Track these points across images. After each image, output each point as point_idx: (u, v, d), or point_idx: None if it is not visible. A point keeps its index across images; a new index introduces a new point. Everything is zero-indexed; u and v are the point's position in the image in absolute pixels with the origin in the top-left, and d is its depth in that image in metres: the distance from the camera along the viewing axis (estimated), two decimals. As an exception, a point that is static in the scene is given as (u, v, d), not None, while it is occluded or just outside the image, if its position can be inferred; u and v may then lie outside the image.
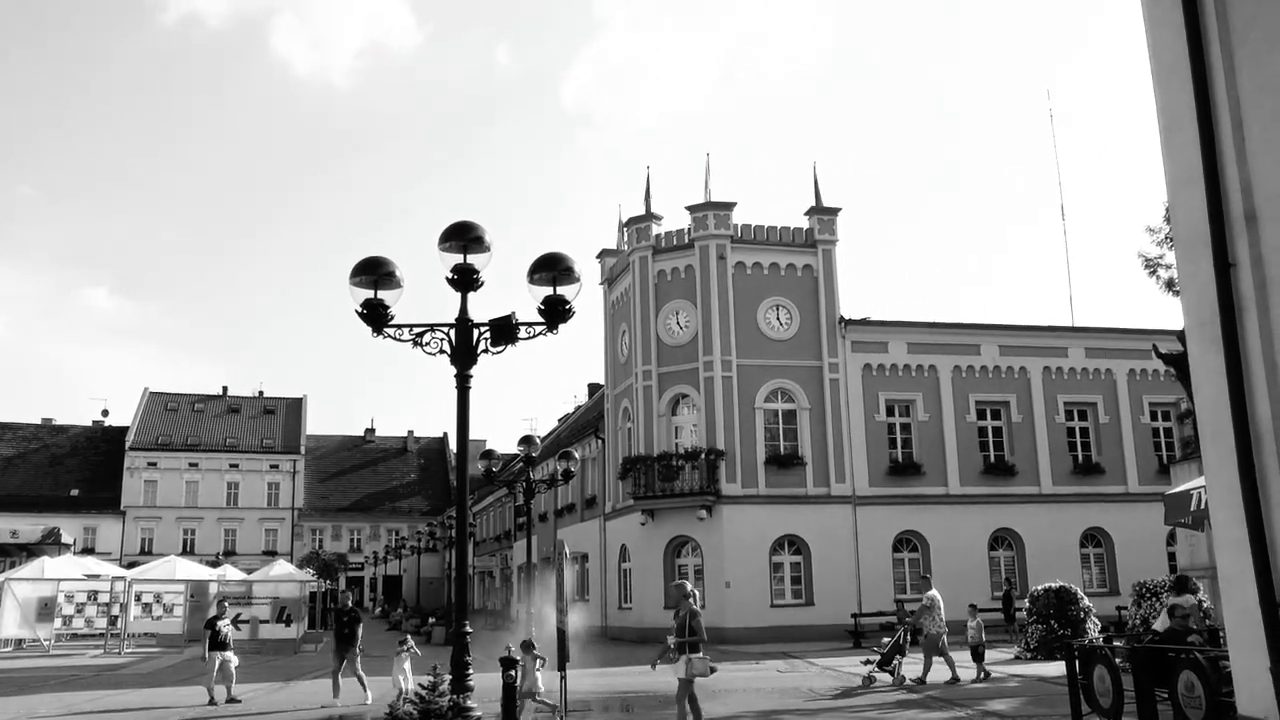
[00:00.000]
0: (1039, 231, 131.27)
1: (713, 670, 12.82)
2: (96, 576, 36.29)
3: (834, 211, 36.07)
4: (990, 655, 25.17)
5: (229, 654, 18.21)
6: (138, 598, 34.48)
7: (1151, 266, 24.59)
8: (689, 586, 13.03)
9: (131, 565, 52.58)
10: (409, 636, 19.15)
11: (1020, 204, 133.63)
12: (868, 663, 19.65)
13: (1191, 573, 20.92)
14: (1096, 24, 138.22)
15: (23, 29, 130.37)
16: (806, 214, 36.14)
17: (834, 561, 33.75)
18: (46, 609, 33.61)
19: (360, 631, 18.44)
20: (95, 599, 34.43)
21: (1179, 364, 21.51)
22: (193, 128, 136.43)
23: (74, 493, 79.99)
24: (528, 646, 16.94)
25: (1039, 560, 34.94)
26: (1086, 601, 24.46)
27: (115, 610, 33.93)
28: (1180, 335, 11.48)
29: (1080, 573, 35.02)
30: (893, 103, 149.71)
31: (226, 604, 20.03)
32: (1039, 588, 24.86)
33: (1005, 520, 35.86)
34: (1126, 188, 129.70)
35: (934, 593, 19.81)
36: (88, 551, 64.79)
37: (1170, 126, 7.30)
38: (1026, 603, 25.48)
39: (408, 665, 17.05)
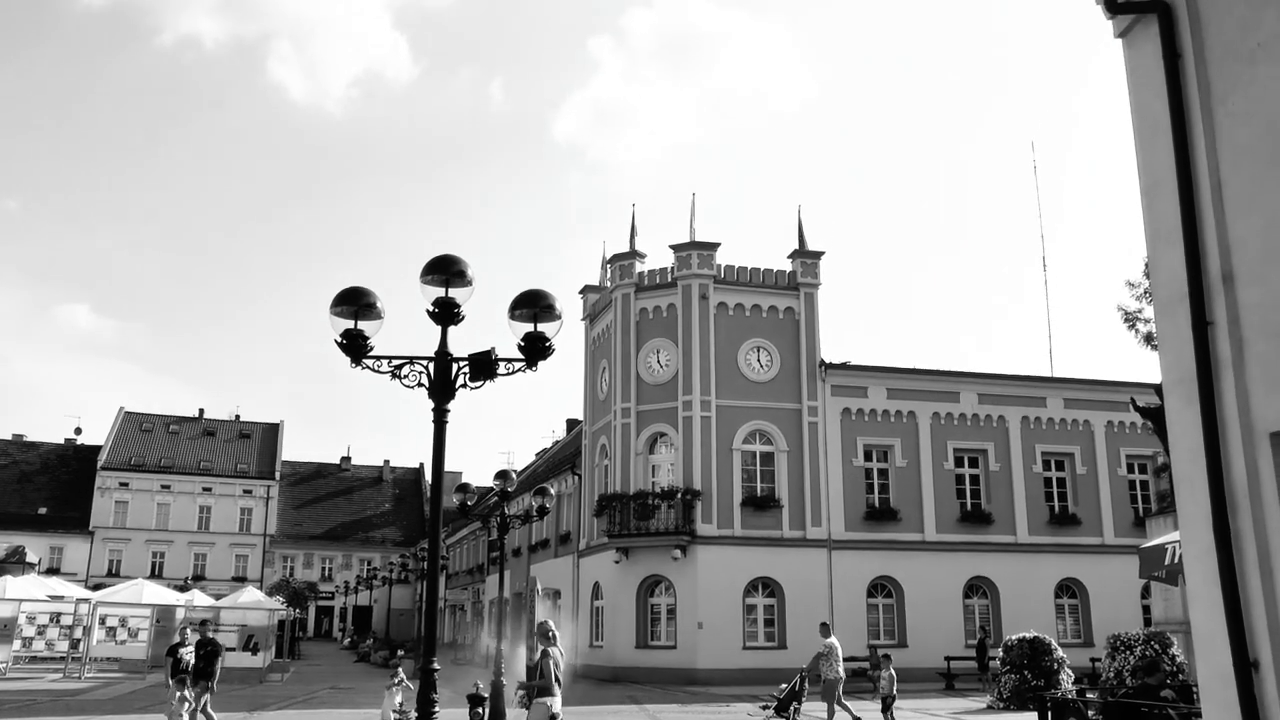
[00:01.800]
0: (1020, 281, 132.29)
1: (554, 718, 11.72)
2: (60, 598, 35.73)
3: (817, 255, 36.26)
4: (963, 704, 25.15)
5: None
6: (102, 621, 33.96)
7: (1131, 320, 24.75)
8: (551, 627, 12.35)
9: (98, 587, 51.82)
10: (400, 670, 18.74)
11: (1002, 254, 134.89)
12: (765, 708, 19.66)
13: (1166, 626, 20.94)
14: (1082, 79, 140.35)
15: (17, 45, 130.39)
16: (790, 257, 36.32)
17: (808, 605, 33.57)
18: (6, 630, 33.01)
19: (218, 667, 17.28)
20: (58, 621, 33.89)
21: (1156, 418, 21.62)
22: (185, 150, 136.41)
23: (42, 511, 78.91)
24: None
25: (1013, 609, 34.90)
26: (1060, 653, 24.42)
27: (78, 633, 33.41)
28: (1158, 389, 11.57)
29: (1055, 623, 35.02)
30: (877, 151, 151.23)
31: (189, 630, 19.70)
32: (1013, 637, 24.80)
33: (981, 568, 35.85)
34: (1107, 241, 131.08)
35: (833, 639, 19.91)
36: (53, 572, 63.84)
37: (1151, 185, 7.37)
38: (1000, 652, 25.41)
39: (399, 699, 16.72)
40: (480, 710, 15.80)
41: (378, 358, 8.63)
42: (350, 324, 8.49)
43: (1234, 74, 6.74)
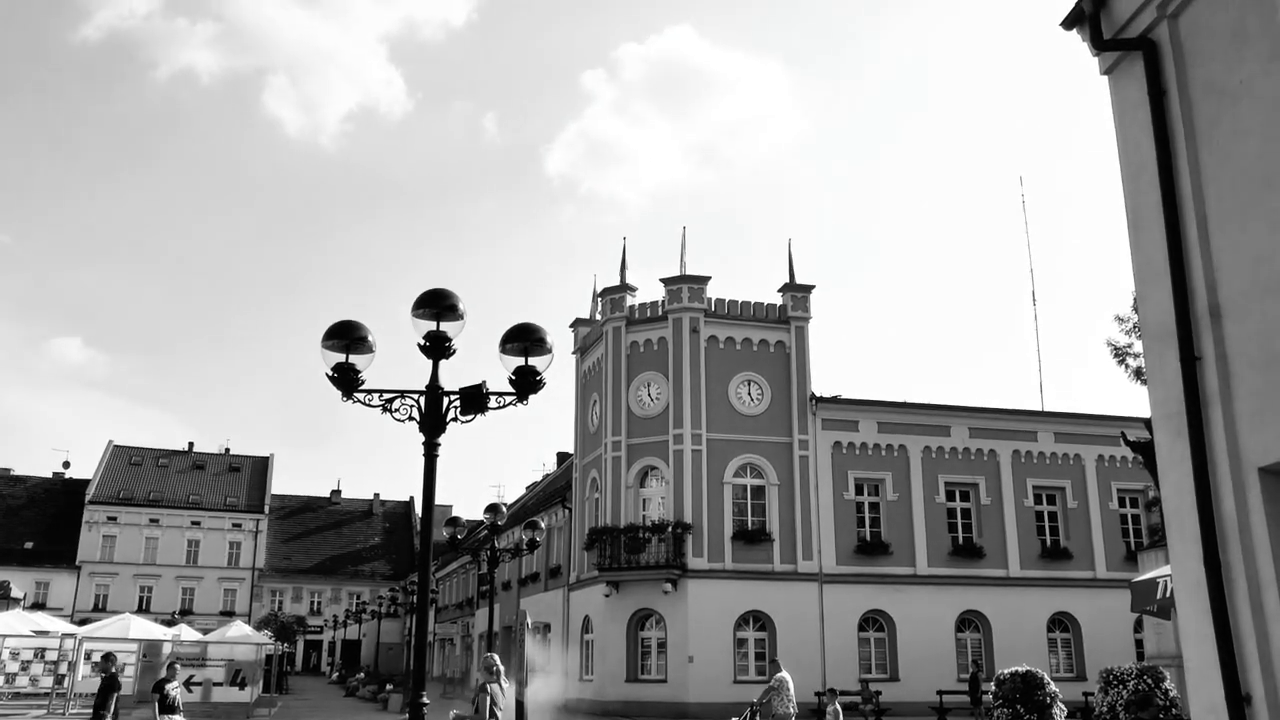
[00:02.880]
0: (1010, 315, 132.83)
1: None
2: (45, 633, 35.34)
3: (807, 289, 36.37)
4: (955, 740, 24.95)
5: (178, 718, 17.69)
6: (87, 656, 33.52)
7: (1120, 355, 24.84)
8: (495, 662, 12.02)
9: (84, 622, 51.33)
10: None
11: (992, 288, 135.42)
12: None
13: (1159, 661, 20.87)
14: (1070, 114, 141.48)
15: (12, 78, 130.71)
16: (780, 290, 36.42)
17: (799, 639, 33.42)
18: (-10, 666, 32.64)
19: (112, 703, 16.13)
20: (42, 656, 33.49)
21: (1147, 452, 21.64)
22: (179, 184, 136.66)
23: (28, 545, 78.26)
24: None
25: (1006, 643, 34.76)
26: (1053, 687, 24.22)
27: (63, 669, 33.02)
28: (1148, 423, 11.63)
29: (1047, 657, 34.87)
30: (867, 185, 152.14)
31: (178, 666, 19.45)
32: (1005, 671, 24.63)
33: (973, 602, 35.73)
34: (1097, 275, 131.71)
35: (784, 674, 19.77)
36: (38, 607, 63.19)
37: (1138, 222, 7.44)
38: (993, 686, 25.28)
39: None
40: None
41: (369, 391, 8.61)
42: (342, 358, 8.48)
43: (1218, 111, 6.82)
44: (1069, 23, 8.10)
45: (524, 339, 8.61)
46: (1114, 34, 7.64)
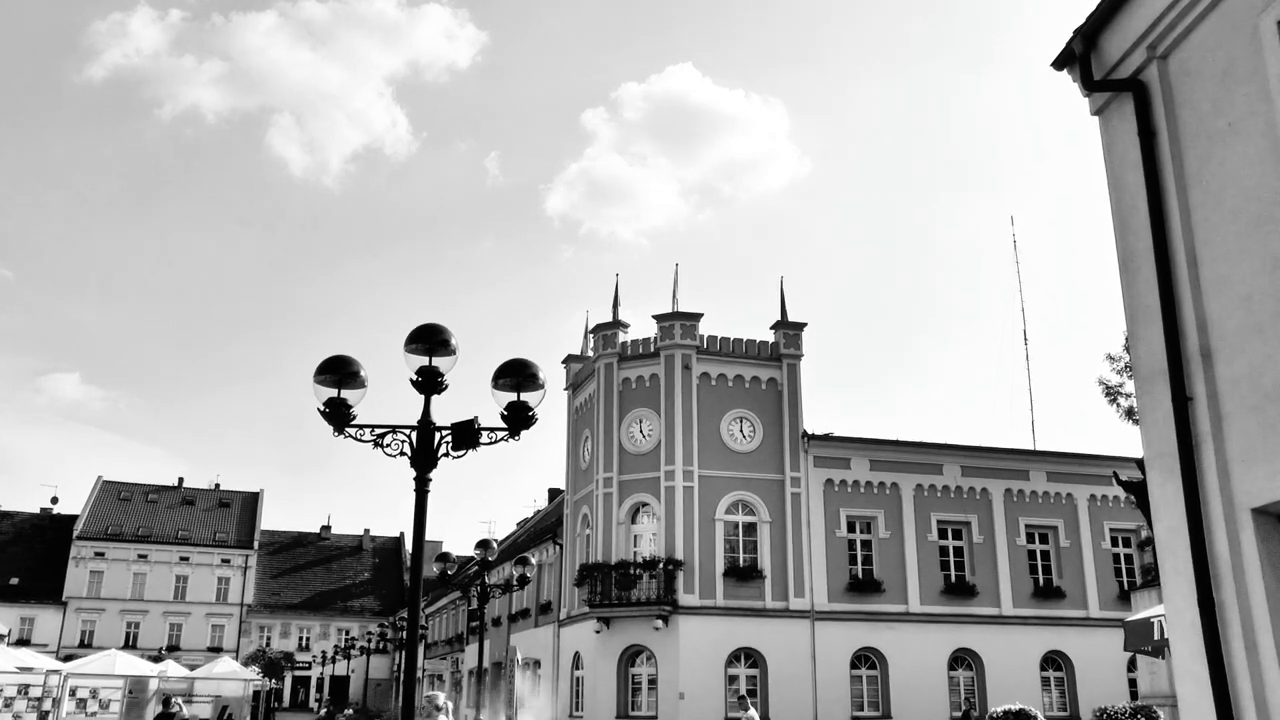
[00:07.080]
0: (1002, 355, 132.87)
1: None
2: (29, 669, 34.96)
3: (799, 326, 36.43)
4: (948, 781, 24.76)
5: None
6: (72, 693, 33.20)
7: (1112, 395, 24.87)
8: (440, 699, 11.88)
9: (69, 658, 50.82)
10: None
11: (984, 327, 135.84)
12: None
13: (1153, 700, 20.77)
14: (1061, 155, 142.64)
15: (16, 116, 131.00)
16: (772, 328, 36.49)
17: (791, 676, 33.22)
18: (-28, 703, 32.25)
19: None
20: (26, 693, 33.11)
21: (1139, 491, 21.64)
22: (183, 222, 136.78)
23: (14, 581, 77.65)
24: None
25: (999, 682, 34.55)
26: (1046, 727, 24.19)
27: (47, 706, 32.64)
28: (1140, 463, 11.60)
29: (1040, 696, 34.66)
30: (861, 225, 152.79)
31: (178, 701, 19.28)
32: (998, 710, 24.57)
33: (965, 640, 35.54)
34: (1088, 314, 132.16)
35: (753, 713, 19.62)
36: (23, 643, 62.68)
37: (1128, 262, 7.48)
38: (985, 727, 25.14)
39: None
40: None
41: (360, 426, 8.58)
42: (333, 393, 8.44)
43: (1208, 151, 6.87)
44: (1059, 63, 8.17)
45: (516, 374, 8.59)
46: (1104, 75, 7.72)
